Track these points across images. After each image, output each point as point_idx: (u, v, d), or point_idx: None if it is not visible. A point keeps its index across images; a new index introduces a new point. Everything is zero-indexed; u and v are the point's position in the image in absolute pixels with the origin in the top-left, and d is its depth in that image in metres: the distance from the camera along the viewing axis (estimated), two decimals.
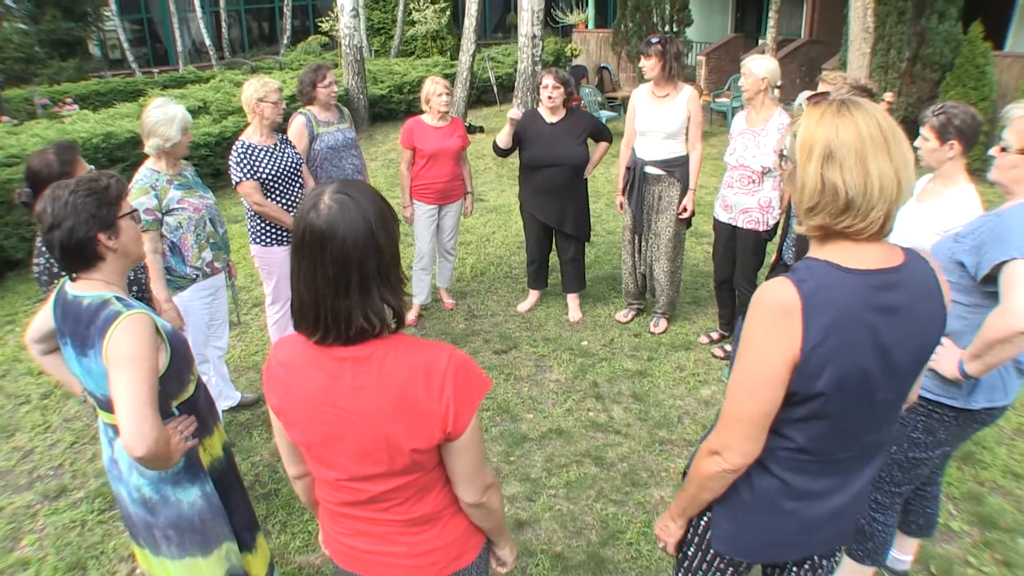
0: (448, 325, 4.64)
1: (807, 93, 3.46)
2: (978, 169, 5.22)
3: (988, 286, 1.91)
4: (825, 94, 1.47)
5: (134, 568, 2.71)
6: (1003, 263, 1.81)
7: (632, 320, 4.62)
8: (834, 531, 1.49)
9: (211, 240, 3.18)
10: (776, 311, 1.25)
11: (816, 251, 1.32)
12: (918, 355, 1.34)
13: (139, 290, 2.68)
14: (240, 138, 3.49)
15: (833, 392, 1.27)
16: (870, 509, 2.35)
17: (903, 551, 2.53)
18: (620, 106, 11.05)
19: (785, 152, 1.36)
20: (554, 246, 4.67)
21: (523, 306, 4.81)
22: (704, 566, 1.61)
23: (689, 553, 1.63)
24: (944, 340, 2.04)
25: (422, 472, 1.36)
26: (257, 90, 3.42)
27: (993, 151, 2.02)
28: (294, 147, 3.68)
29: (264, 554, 2.16)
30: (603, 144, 4.37)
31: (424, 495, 1.39)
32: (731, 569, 1.59)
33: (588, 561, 2.69)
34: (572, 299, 4.72)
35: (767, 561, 1.59)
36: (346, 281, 1.23)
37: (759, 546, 1.51)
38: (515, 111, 4.25)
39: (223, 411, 3.60)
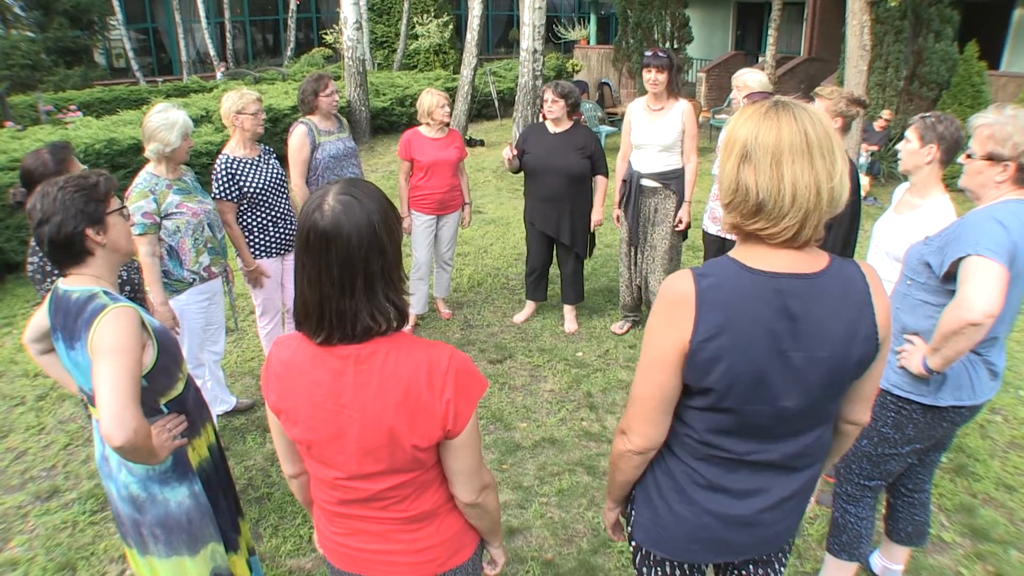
0: (444, 335, 4.65)
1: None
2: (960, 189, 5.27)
3: (949, 284, 1.96)
4: (766, 94, 1.50)
5: (124, 570, 2.70)
6: (960, 259, 1.87)
7: (627, 332, 4.64)
8: (758, 537, 1.45)
9: (209, 245, 3.20)
10: (671, 301, 1.29)
11: (734, 250, 1.33)
12: (830, 371, 1.28)
13: (132, 291, 2.70)
14: (223, 152, 3.45)
15: (725, 389, 1.27)
16: (842, 501, 2.37)
17: (894, 560, 2.53)
18: (620, 121, 11.14)
19: None
20: (555, 258, 4.69)
21: (519, 317, 4.82)
22: (647, 563, 1.57)
23: (631, 548, 1.63)
24: (914, 339, 2.08)
25: (422, 470, 1.37)
26: (235, 103, 3.39)
27: (961, 159, 2.09)
28: (277, 157, 3.65)
29: (246, 538, 2.18)
30: (600, 179, 4.34)
31: (423, 492, 1.40)
32: (668, 564, 1.54)
33: (578, 568, 2.69)
34: (568, 310, 4.73)
35: (687, 560, 1.53)
36: (351, 282, 1.24)
37: (678, 540, 1.47)
38: (507, 151, 4.34)
39: (217, 416, 3.60)
